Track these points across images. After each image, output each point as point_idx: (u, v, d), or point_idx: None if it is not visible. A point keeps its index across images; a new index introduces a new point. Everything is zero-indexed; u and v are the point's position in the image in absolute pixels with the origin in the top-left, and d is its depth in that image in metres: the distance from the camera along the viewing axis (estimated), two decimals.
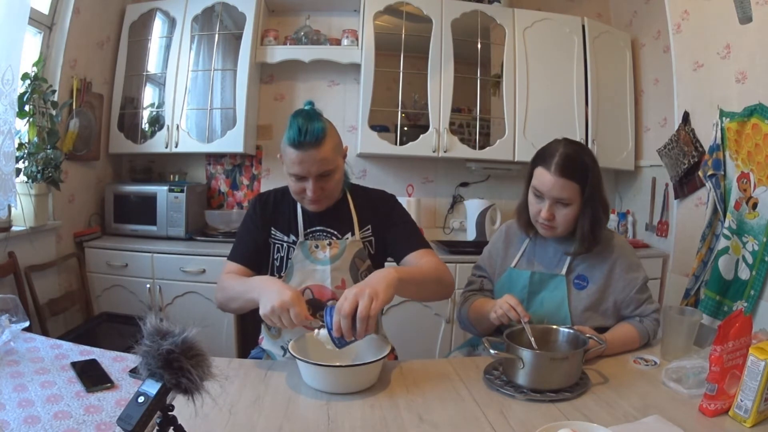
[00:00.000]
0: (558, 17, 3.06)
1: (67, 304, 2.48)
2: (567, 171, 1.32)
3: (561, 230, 1.39)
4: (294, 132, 1.27)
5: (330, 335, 1.12)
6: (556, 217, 1.37)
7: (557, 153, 1.35)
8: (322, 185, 1.33)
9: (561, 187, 1.33)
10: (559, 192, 1.34)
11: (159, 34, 3.01)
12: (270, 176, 3.23)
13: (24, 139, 2.23)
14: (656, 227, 3.03)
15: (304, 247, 1.41)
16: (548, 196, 1.35)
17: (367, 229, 1.47)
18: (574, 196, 1.34)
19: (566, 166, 1.33)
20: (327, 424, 0.97)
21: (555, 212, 1.36)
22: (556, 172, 1.33)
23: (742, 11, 2.08)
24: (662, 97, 2.93)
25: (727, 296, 2.17)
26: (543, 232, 1.43)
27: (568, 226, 1.39)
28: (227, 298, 1.34)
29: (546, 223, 1.38)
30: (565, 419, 0.99)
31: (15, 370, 1.13)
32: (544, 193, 1.36)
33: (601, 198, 1.39)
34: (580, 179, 1.34)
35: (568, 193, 1.34)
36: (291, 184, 1.36)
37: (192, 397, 0.73)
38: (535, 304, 1.43)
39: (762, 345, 0.96)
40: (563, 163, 1.33)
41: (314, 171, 1.30)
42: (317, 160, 1.28)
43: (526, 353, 1.11)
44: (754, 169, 2.06)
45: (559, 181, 1.33)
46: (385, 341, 1.25)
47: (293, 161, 1.30)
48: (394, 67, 2.93)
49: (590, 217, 1.37)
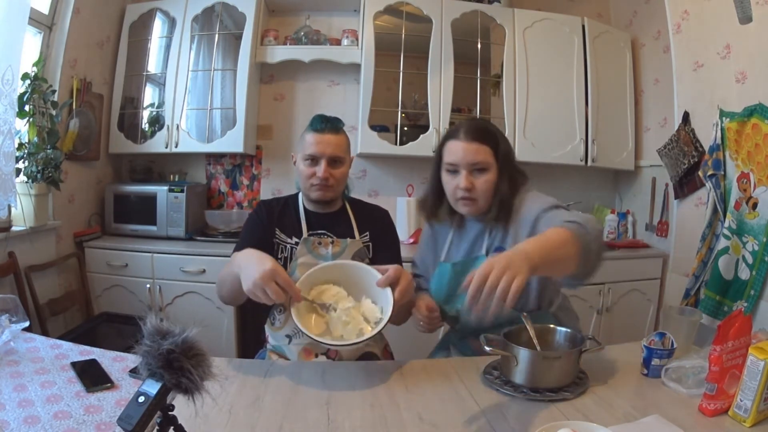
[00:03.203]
0: (558, 17, 3.07)
1: (67, 304, 2.48)
2: (476, 134, 1.33)
3: (482, 202, 1.35)
4: (318, 121, 1.47)
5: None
6: (476, 186, 1.33)
7: (462, 124, 1.38)
8: (332, 171, 1.45)
9: (475, 151, 1.32)
10: (474, 156, 1.32)
11: (159, 34, 3.01)
12: (270, 176, 3.23)
13: (24, 139, 2.23)
14: (656, 227, 3.04)
15: (308, 242, 1.47)
16: (463, 164, 1.33)
17: (366, 236, 1.53)
18: (488, 160, 1.33)
19: (475, 132, 1.34)
20: (327, 424, 0.97)
21: (473, 181, 1.33)
22: (466, 138, 1.33)
23: (742, 11, 2.08)
24: (662, 97, 2.93)
25: (727, 296, 2.18)
26: (464, 209, 1.38)
27: (489, 196, 1.35)
28: (220, 285, 1.37)
29: (466, 195, 1.34)
30: (565, 419, 0.99)
31: (15, 370, 1.13)
32: (458, 163, 1.34)
33: (515, 166, 1.39)
34: (490, 142, 1.34)
35: (483, 155, 1.33)
36: (303, 169, 1.47)
37: (192, 397, 0.73)
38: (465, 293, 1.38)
39: (762, 345, 0.96)
40: (470, 129, 1.35)
41: (328, 152, 1.44)
42: (333, 143, 1.45)
43: (520, 351, 1.11)
44: (754, 169, 2.06)
45: (471, 145, 1.32)
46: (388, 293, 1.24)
47: (311, 143, 1.44)
48: (394, 67, 2.93)
49: (508, 180, 1.35)
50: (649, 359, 1.19)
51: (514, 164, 1.38)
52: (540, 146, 3.01)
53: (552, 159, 3.02)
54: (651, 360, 1.19)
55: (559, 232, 1.07)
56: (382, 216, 1.61)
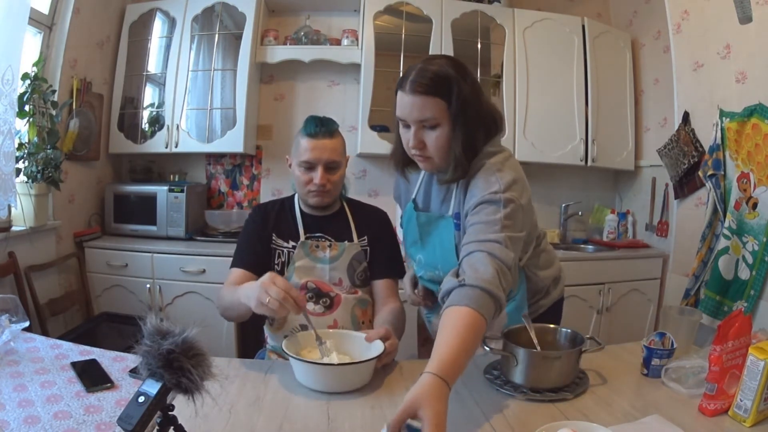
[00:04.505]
0: (558, 17, 3.07)
1: (67, 304, 2.48)
2: (423, 86, 1.13)
3: (438, 160, 1.20)
4: (311, 125, 1.42)
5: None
6: (427, 143, 1.17)
7: (411, 71, 1.16)
8: (329, 176, 1.43)
9: (421, 106, 1.14)
10: (420, 112, 1.14)
11: (159, 34, 3.01)
12: (270, 176, 3.23)
13: (24, 139, 2.23)
14: (656, 227, 3.04)
15: (305, 246, 1.46)
16: (410, 120, 1.16)
17: (364, 239, 1.53)
18: (439, 115, 1.14)
19: (421, 82, 1.13)
20: (327, 424, 0.97)
21: (424, 138, 1.17)
22: (410, 90, 1.13)
23: (742, 11, 2.08)
24: (662, 97, 2.94)
25: (727, 296, 2.18)
26: (422, 165, 1.25)
27: (443, 153, 1.18)
28: (224, 308, 1.37)
29: (418, 153, 1.20)
30: (565, 419, 0.99)
31: (15, 370, 1.13)
32: (406, 119, 1.17)
33: (481, 114, 1.18)
34: (442, 93, 1.13)
35: (430, 111, 1.14)
36: (299, 176, 1.44)
37: (192, 397, 0.73)
38: (428, 249, 1.33)
39: (761, 345, 0.96)
40: (417, 78, 1.13)
41: (324, 158, 1.41)
42: (329, 148, 1.41)
43: (519, 351, 1.11)
44: (754, 169, 2.06)
45: (417, 99, 1.13)
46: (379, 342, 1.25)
47: (306, 149, 1.41)
48: (394, 67, 2.93)
49: (463, 137, 1.16)
50: (649, 359, 1.19)
51: (474, 116, 1.17)
52: (540, 146, 3.01)
53: (552, 159, 3.02)
54: (651, 360, 1.19)
55: (467, 321, 0.95)
56: (380, 218, 1.60)
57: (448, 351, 0.91)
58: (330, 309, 1.44)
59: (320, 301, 1.44)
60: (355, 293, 1.48)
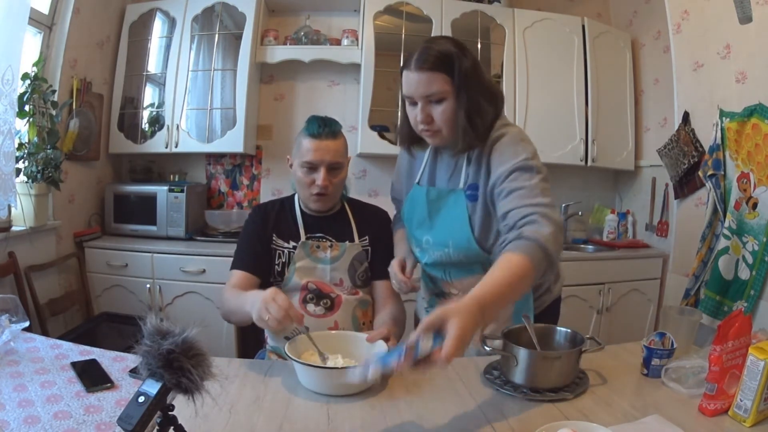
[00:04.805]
0: (558, 17, 3.07)
1: (67, 304, 2.48)
2: (427, 63, 1.21)
3: (446, 132, 1.26)
4: (314, 125, 1.41)
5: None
6: (434, 117, 1.24)
7: (415, 51, 1.24)
8: (331, 178, 1.42)
9: (427, 82, 1.21)
10: (426, 87, 1.21)
11: (159, 34, 3.01)
12: (270, 176, 3.23)
13: (24, 139, 2.23)
14: (656, 227, 3.04)
15: (306, 246, 1.46)
16: (417, 96, 1.23)
17: (365, 239, 1.52)
18: (444, 89, 1.22)
19: (425, 60, 1.21)
20: (327, 424, 0.97)
21: (431, 112, 1.24)
22: (416, 68, 1.21)
23: (742, 11, 2.08)
24: (662, 97, 2.94)
25: (727, 296, 2.18)
26: (430, 140, 1.31)
27: (451, 125, 1.25)
28: (227, 312, 1.37)
29: (426, 128, 1.26)
30: (565, 419, 0.99)
31: (15, 370, 1.13)
32: (413, 95, 1.24)
33: (482, 87, 1.25)
34: (445, 68, 1.21)
35: (437, 86, 1.21)
36: (300, 177, 1.43)
37: (192, 397, 0.73)
38: (437, 225, 1.36)
39: (762, 345, 0.96)
40: (422, 56, 1.21)
41: (327, 159, 1.40)
42: (331, 149, 1.40)
43: (519, 351, 1.11)
44: (754, 169, 2.06)
45: (422, 76, 1.21)
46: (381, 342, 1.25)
47: (309, 150, 1.40)
48: (394, 67, 2.92)
49: (466, 107, 1.23)
50: (649, 359, 1.19)
51: (476, 88, 1.24)
52: (540, 146, 2.90)
53: (552, 159, 3.02)
54: (651, 360, 1.19)
55: (518, 266, 1.00)
56: (381, 218, 1.60)
57: (491, 285, 0.95)
58: (331, 310, 1.44)
59: (321, 303, 1.43)
60: (355, 294, 1.48)
